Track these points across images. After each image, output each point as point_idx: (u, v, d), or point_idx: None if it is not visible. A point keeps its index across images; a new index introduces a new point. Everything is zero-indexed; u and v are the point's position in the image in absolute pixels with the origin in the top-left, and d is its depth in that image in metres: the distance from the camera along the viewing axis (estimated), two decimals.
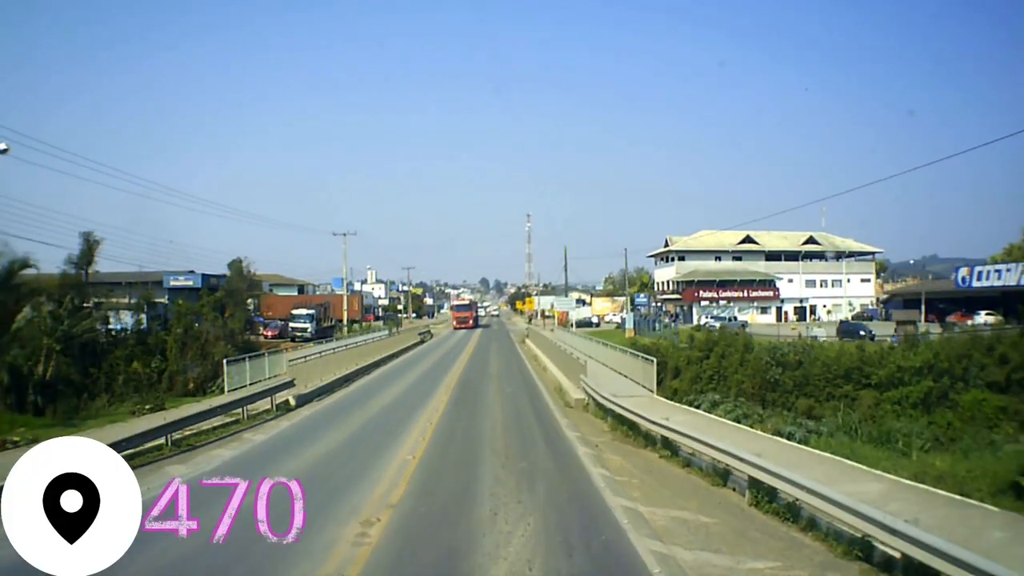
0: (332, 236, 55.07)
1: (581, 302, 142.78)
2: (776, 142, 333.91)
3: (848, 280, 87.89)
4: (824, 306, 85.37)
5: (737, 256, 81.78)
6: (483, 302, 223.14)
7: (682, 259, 79.43)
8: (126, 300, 35.34)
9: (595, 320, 79.83)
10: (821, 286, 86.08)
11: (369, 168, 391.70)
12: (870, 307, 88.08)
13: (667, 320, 68.87)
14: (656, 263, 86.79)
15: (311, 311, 52.44)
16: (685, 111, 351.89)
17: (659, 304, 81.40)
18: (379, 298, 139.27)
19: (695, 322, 67.84)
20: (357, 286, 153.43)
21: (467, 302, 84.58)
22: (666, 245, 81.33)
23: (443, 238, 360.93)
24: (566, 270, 56.86)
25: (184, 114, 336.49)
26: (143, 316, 33.73)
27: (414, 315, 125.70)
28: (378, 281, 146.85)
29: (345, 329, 54.05)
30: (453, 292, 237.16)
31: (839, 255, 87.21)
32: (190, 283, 49.90)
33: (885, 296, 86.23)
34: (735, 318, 67.66)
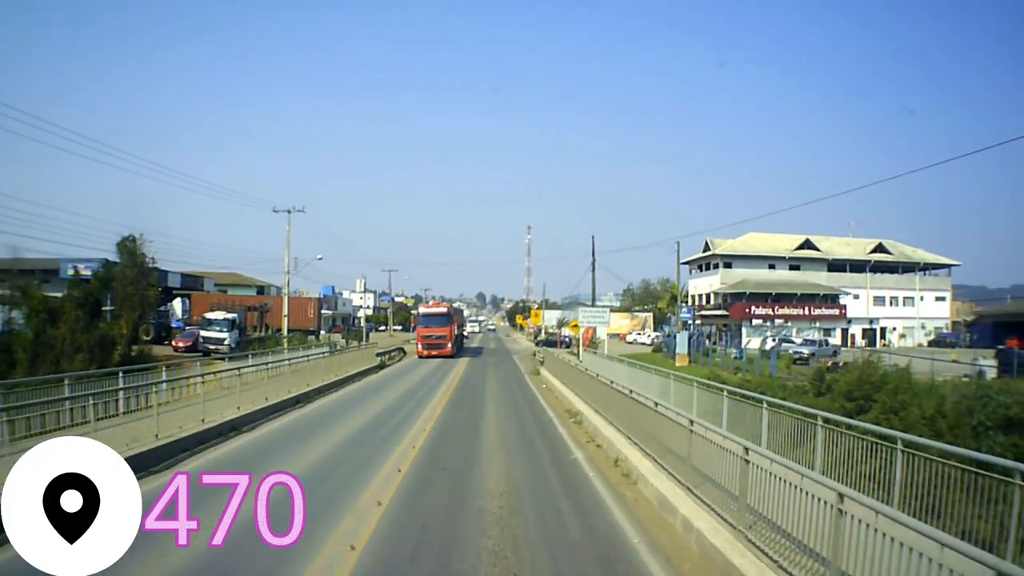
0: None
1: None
2: (777, 146, 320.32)
3: (922, 298, 72.45)
4: (894, 328, 69.81)
5: (794, 264, 66.15)
6: (479, 316, 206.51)
7: (728, 266, 63.74)
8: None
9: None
10: (891, 304, 70.56)
11: (365, 178, 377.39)
12: (944, 330, 72.71)
13: (711, 342, 53.04)
14: (691, 272, 71.10)
15: (232, 316, 36.68)
16: (685, 116, 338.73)
17: (696, 322, 65.43)
18: (361, 307, 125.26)
19: (744, 343, 52.36)
20: (346, 295, 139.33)
21: (442, 311, 40.88)
22: (706, 250, 65.66)
23: (440, 252, 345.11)
24: (593, 269, 41.17)
25: (181, 115, 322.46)
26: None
27: (399, 327, 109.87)
28: (368, 291, 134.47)
29: (285, 341, 38.14)
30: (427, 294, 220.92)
31: (912, 267, 71.74)
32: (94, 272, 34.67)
33: (971, 317, 70.96)
34: (826, 342, 51.45)
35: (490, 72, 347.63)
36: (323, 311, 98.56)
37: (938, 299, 74.26)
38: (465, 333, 72.79)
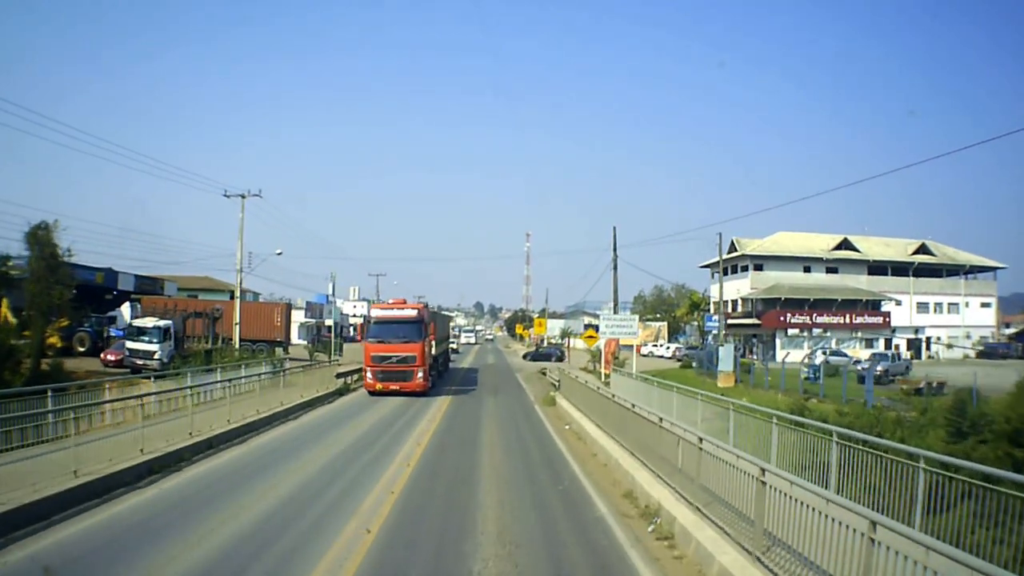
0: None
1: (594, 327, 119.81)
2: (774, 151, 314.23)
3: (967, 304, 65.27)
4: (938, 338, 62.50)
5: (832, 267, 58.90)
6: (476, 325, 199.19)
7: (759, 268, 56.46)
8: None
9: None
10: (935, 311, 63.33)
11: (362, 183, 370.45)
12: (990, 339, 65.53)
13: (740, 355, 45.65)
14: (712, 275, 63.77)
15: (163, 323, 29.25)
16: (685, 119, 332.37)
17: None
18: (351, 316, 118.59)
19: (779, 356, 45.18)
20: (339, 304, 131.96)
21: (409, 314, 23.72)
22: (732, 250, 58.43)
23: (437, 260, 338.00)
24: (615, 267, 33.48)
25: (179, 116, 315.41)
26: None
27: None
28: (363, 299, 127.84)
29: (235, 354, 30.70)
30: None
31: (956, 270, 64.55)
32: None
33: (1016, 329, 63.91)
34: (898, 355, 44.26)
35: (491, 76, 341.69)
36: (306, 319, 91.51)
37: (983, 305, 67.27)
38: (455, 346, 60.31)
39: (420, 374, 23.11)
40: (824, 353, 41.49)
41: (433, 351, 24.99)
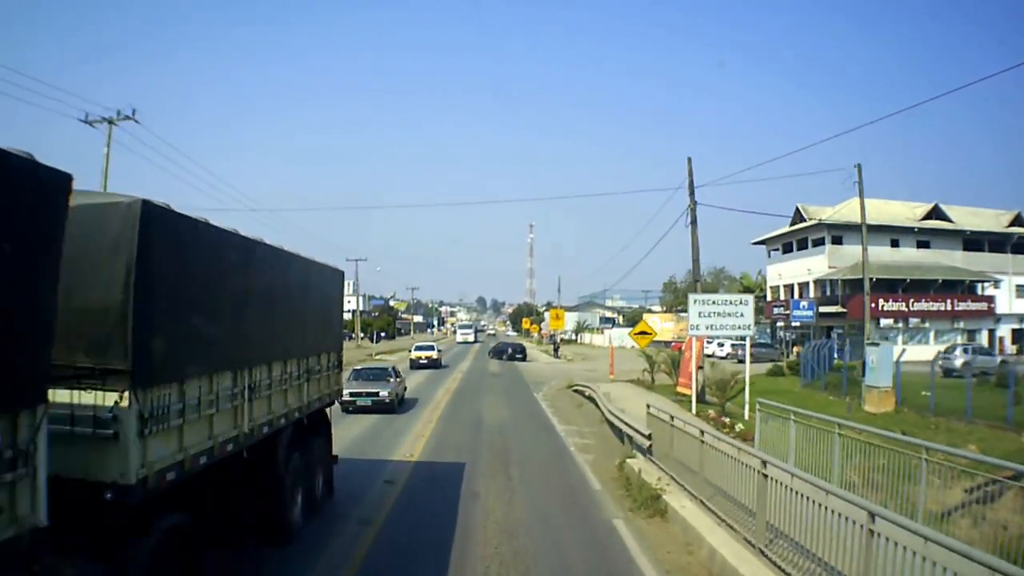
0: None
1: (610, 321, 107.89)
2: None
3: None
4: None
5: (922, 241, 47.16)
6: (479, 320, 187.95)
7: (837, 242, 44.72)
8: None
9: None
10: None
11: (367, 184, 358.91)
12: None
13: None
14: (769, 252, 52.13)
15: None
16: (684, 118, 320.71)
17: (790, 324, 46.39)
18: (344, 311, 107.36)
19: (871, 357, 33.83)
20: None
21: None
22: (797, 220, 46.79)
23: (440, 255, 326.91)
24: (693, 221, 21.71)
25: (183, 120, 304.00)
26: None
27: (382, 335, 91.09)
28: (362, 294, 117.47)
29: None
30: (445, 309, 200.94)
31: None
32: None
33: None
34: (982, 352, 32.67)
35: (491, 75, 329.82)
36: None
37: None
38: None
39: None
40: (966, 352, 29.90)
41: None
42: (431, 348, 40.60)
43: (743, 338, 20.49)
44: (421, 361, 37.88)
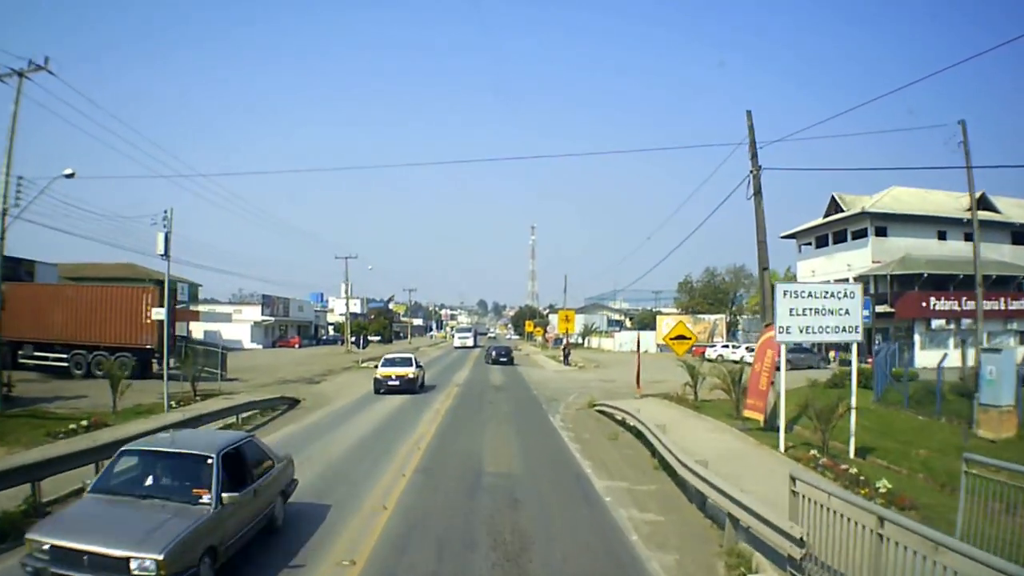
0: None
1: (617, 324, 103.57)
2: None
3: None
4: None
5: (971, 232, 42.79)
6: (480, 323, 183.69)
7: (881, 233, 40.41)
8: None
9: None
10: None
11: (365, 184, 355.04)
12: None
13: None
14: (800, 247, 47.75)
15: None
16: (685, 117, 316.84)
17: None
18: (339, 314, 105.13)
19: (981, 363, 29.86)
20: (331, 302, 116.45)
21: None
22: (833, 210, 42.52)
23: (441, 259, 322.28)
24: (758, 191, 17.73)
25: (176, 123, 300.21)
26: None
27: (376, 338, 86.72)
28: (360, 297, 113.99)
29: None
30: (445, 312, 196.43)
31: None
32: None
33: None
34: None
35: (492, 75, 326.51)
36: (263, 317, 74.28)
37: None
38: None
39: None
40: None
41: None
42: (407, 363, 27.10)
43: (847, 344, 16.06)
44: (390, 382, 25.67)
